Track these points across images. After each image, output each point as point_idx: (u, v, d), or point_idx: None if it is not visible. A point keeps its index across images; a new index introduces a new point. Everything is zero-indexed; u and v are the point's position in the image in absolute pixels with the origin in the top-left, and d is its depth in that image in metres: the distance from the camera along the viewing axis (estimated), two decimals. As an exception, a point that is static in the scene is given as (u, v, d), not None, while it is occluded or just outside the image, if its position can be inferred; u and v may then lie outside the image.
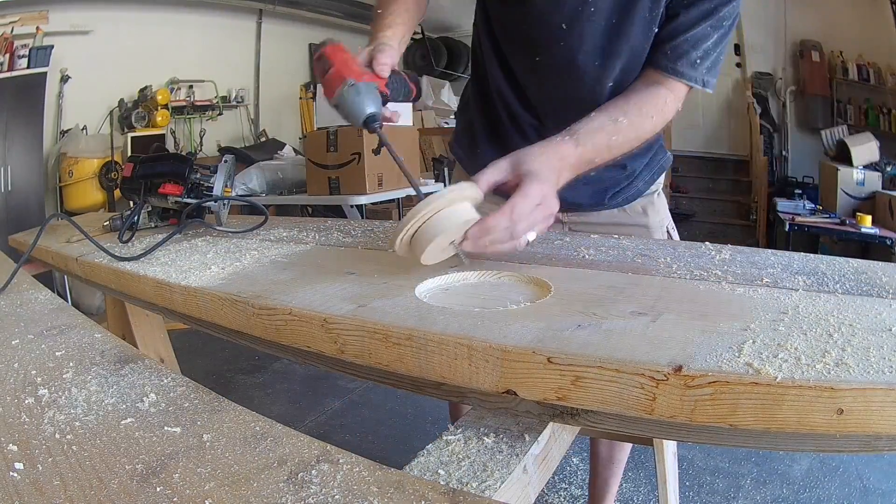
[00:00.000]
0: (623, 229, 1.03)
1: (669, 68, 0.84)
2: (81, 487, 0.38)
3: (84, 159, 3.63)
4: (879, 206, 3.68)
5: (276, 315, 0.59)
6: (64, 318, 0.74)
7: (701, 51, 0.83)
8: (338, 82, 0.75)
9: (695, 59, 0.83)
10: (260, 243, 0.93)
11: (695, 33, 0.83)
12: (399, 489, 0.37)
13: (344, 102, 0.75)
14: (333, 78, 0.76)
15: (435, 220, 0.62)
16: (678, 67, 0.84)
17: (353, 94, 0.75)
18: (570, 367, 0.42)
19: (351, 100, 0.75)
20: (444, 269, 0.68)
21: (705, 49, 0.83)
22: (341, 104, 0.75)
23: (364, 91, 0.76)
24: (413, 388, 0.56)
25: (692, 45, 0.83)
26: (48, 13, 3.53)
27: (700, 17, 0.82)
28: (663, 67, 0.85)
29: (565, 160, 0.74)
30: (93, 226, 1.14)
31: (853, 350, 0.40)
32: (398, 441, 2.08)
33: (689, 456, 1.83)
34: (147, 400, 0.50)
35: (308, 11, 5.29)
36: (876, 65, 4.24)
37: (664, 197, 1.12)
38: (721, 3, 0.81)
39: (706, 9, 0.82)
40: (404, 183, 3.16)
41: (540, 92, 0.95)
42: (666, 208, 1.11)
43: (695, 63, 0.84)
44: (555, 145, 0.75)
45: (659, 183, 1.09)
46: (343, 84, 0.74)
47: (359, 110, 0.75)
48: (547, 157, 0.72)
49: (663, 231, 1.08)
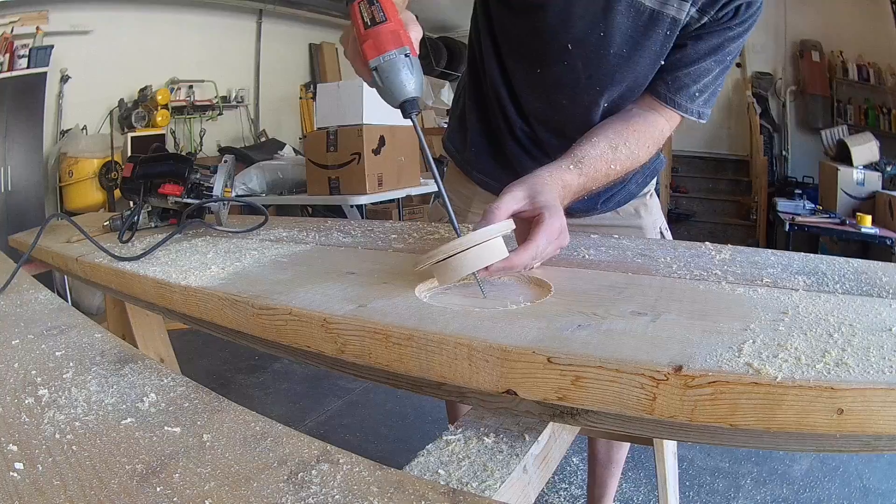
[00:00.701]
0: (616, 231, 1.03)
1: (669, 99, 0.84)
2: (81, 487, 0.38)
3: (84, 159, 3.63)
4: (879, 206, 3.68)
5: (276, 315, 0.59)
6: (64, 318, 0.74)
7: (701, 84, 0.84)
8: (392, 44, 0.62)
9: (694, 91, 0.84)
10: (260, 243, 0.93)
11: (698, 67, 0.82)
12: (399, 489, 0.37)
13: (391, 72, 0.62)
14: (387, 36, 0.62)
15: (472, 256, 0.58)
16: (676, 99, 0.84)
17: (406, 67, 0.62)
18: (570, 367, 0.42)
19: (402, 73, 0.62)
20: None
21: (705, 83, 0.84)
22: (387, 73, 0.63)
23: (416, 68, 0.63)
24: (413, 388, 0.56)
25: (693, 79, 0.83)
26: (48, 13, 3.53)
27: (707, 51, 0.82)
28: (662, 97, 0.85)
29: (568, 188, 0.75)
30: (93, 226, 1.14)
31: (853, 350, 0.40)
32: (398, 441, 2.08)
33: (689, 456, 1.83)
34: (147, 400, 0.50)
35: (308, 11, 5.29)
36: (876, 65, 4.24)
37: (657, 198, 1.12)
38: (729, 38, 0.81)
39: (714, 44, 0.81)
40: (404, 183, 3.17)
41: (535, 102, 0.95)
42: (659, 209, 1.11)
43: (693, 96, 0.84)
44: (560, 173, 0.75)
45: (652, 185, 1.10)
46: (398, 50, 0.62)
47: (405, 88, 0.63)
48: (557, 188, 0.72)
49: (656, 232, 1.09)
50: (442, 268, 0.59)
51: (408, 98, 0.63)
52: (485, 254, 0.58)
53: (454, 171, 1.15)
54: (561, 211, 0.68)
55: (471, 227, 0.67)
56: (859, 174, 3.87)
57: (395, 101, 0.64)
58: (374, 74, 0.63)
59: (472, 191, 1.10)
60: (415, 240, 0.90)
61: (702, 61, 0.82)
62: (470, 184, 1.11)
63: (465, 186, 1.12)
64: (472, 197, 1.11)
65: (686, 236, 4.57)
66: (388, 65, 0.62)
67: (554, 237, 0.65)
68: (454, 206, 1.12)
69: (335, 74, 5.53)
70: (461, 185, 1.12)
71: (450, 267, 0.58)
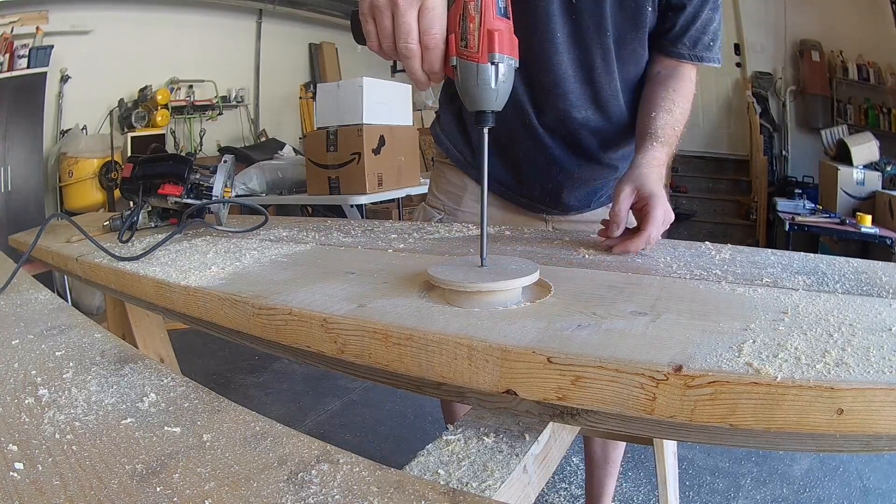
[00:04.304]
0: None
1: (693, 56, 0.93)
2: (81, 487, 0.38)
3: (84, 159, 3.64)
4: (879, 206, 3.68)
5: (276, 315, 0.59)
6: (64, 318, 0.74)
7: (711, 34, 0.93)
8: (513, 49, 0.56)
9: (708, 42, 0.93)
10: (260, 243, 0.93)
11: (702, 20, 0.91)
12: (399, 489, 0.36)
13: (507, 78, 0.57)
14: (512, 36, 0.56)
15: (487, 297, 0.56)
16: (698, 53, 0.93)
17: (510, 77, 0.57)
18: (570, 366, 0.42)
19: (509, 83, 0.57)
20: None
21: (713, 31, 0.93)
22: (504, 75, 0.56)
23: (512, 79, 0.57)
24: (413, 388, 0.56)
25: (702, 31, 0.92)
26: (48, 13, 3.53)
27: (701, 2, 0.90)
28: (687, 57, 0.93)
29: (661, 164, 0.84)
30: (93, 226, 1.14)
31: (853, 350, 0.40)
32: (398, 441, 2.08)
33: (689, 456, 1.83)
34: (147, 400, 0.50)
35: (308, 11, 5.30)
36: (876, 65, 4.24)
37: None
38: None
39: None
40: (404, 183, 3.17)
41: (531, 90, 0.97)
42: None
43: (709, 45, 0.94)
44: (650, 154, 0.85)
45: None
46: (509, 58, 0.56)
47: (499, 99, 0.57)
48: (654, 171, 0.82)
49: None
50: (455, 293, 0.56)
51: (495, 109, 0.58)
52: (500, 297, 0.56)
53: (446, 167, 1.15)
54: (663, 195, 0.79)
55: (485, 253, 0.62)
56: (859, 174, 3.87)
57: (482, 105, 0.57)
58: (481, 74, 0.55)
59: (464, 186, 1.11)
60: (415, 240, 0.90)
61: (702, 12, 0.90)
62: (462, 178, 1.11)
63: (456, 183, 1.12)
64: (462, 195, 1.12)
65: (686, 236, 4.57)
66: (506, 67, 0.56)
67: (660, 222, 0.76)
68: (445, 206, 1.13)
69: (335, 74, 5.53)
70: (452, 181, 1.13)
71: (463, 297, 0.56)
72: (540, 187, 1.06)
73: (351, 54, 5.61)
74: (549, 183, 1.05)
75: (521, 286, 0.56)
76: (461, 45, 0.56)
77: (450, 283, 0.55)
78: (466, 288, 0.54)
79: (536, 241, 0.86)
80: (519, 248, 0.81)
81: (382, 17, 0.57)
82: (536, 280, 0.58)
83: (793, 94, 4.75)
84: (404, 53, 0.57)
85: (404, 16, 0.56)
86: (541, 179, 1.05)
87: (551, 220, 1.11)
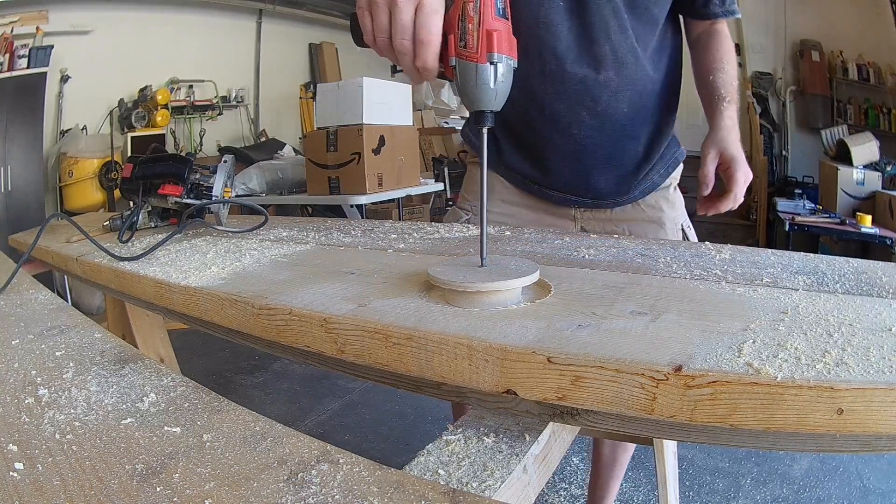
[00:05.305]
0: (637, 225, 1.04)
1: (724, 12, 0.99)
2: (81, 487, 0.38)
3: (84, 159, 3.64)
4: (879, 206, 3.68)
5: (276, 315, 0.59)
6: (64, 318, 0.74)
7: None
8: (511, 49, 0.57)
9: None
10: (260, 243, 0.93)
11: None
12: (399, 489, 0.36)
13: (506, 77, 0.57)
14: (511, 37, 0.57)
15: (487, 297, 0.56)
16: (729, 7, 0.99)
17: (509, 77, 0.57)
18: (570, 366, 0.42)
19: (509, 84, 0.57)
20: None
21: None
22: (503, 74, 0.56)
23: (511, 79, 0.58)
24: (413, 388, 0.56)
25: None
26: (48, 13, 3.54)
27: None
28: (721, 14, 0.99)
29: (737, 124, 0.94)
30: (93, 226, 1.14)
31: (853, 350, 0.40)
32: (398, 441, 2.08)
33: (689, 456, 1.83)
34: (147, 400, 0.50)
35: (308, 11, 5.30)
36: (876, 65, 4.24)
37: (680, 193, 1.11)
38: None
39: None
40: (404, 183, 3.17)
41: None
42: (682, 205, 1.10)
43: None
44: (726, 115, 0.94)
45: (674, 177, 1.08)
46: (507, 58, 0.56)
47: (498, 99, 0.57)
48: (733, 133, 0.92)
49: (678, 228, 1.07)
50: (455, 293, 0.56)
51: (493, 109, 0.58)
52: (500, 297, 0.56)
53: (475, 167, 1.13)
54: (742, 158, 0.91)
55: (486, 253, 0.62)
56: (859, 174, 3.87)
57: (481, 105, 0.57)
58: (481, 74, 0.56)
59: (492, 187, 1.08)
60: (415, 240, 0.90)
61: None
62: (491, 178, 1.08)
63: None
64: (490, 195, 1.08)
65: (686, 236, 4.56)
66: (505, 67, 0.56)
67: (742, 183, 0.89)
68: (472, 206, 1.12)
69: (335, 74, 5.53)
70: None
71: (463, 297, 0.56)
72: (568, 172, 1.02)
73: (351, 54, 5.62)
74: (577, 164, 1.00)
75: (521, 286, 0.56)
76: (460, 46, 0.56)
77: (450, 283, 0.55)
78: (466, 288, 0.54)
79: (536, 241, 0.86)
80: (519, 248, 0.81)
81: (379, 13, 0.58)
82: (536, 280, 0.58)
83: (793, 94, 4.75)
84: (398, 49, 0.58)
85: (401, 12, 0.56)
86: (567, 163, 1.01)
87: (581, 219, 1.07)
